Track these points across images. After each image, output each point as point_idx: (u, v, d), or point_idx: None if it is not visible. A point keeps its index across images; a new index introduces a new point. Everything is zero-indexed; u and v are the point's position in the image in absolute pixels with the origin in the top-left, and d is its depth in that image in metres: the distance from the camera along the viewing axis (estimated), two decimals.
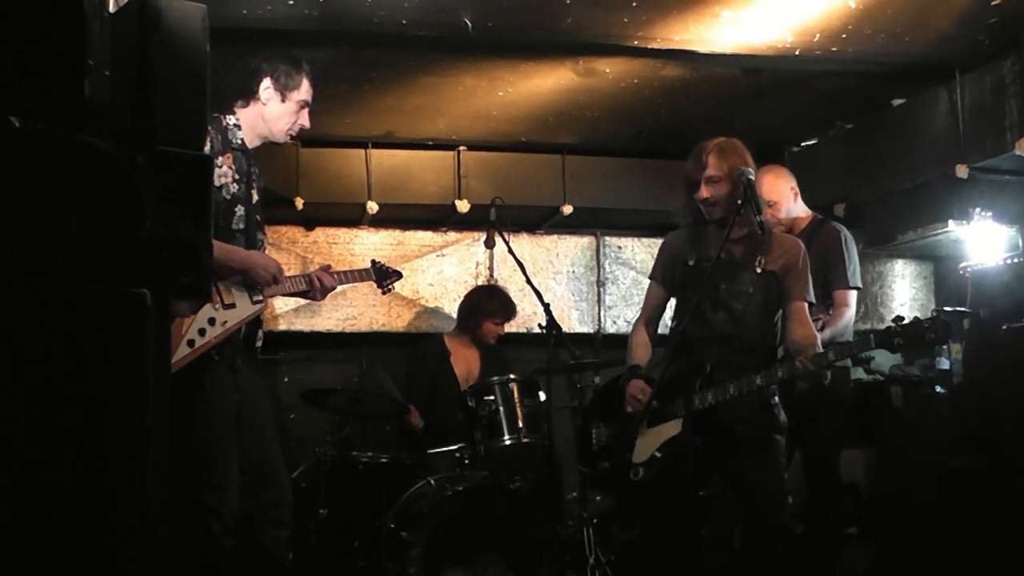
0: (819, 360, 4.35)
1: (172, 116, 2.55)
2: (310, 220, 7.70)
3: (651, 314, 5.02)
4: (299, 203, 7.21)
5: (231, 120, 4.63)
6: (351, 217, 7.73)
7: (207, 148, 4.37)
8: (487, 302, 7.15)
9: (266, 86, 4.64)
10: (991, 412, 5.68)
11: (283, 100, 4.66)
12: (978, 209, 6.36)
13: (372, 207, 7.36)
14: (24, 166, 2.19)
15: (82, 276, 2.24)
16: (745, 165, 4.58)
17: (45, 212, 2.20)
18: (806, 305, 4.67)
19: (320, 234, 7.81)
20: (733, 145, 4.71)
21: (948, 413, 6.16)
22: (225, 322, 4.41)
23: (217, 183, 4.43)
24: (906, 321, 4.18)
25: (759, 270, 4.52)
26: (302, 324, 7.70)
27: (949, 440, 5.94)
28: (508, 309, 7.15)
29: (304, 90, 4.70)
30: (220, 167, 4.47)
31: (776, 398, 4.70)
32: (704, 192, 4.66)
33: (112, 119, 2.37)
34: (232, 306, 4.45)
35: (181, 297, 2.64)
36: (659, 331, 5.06)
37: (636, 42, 5.59)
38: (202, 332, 4.32)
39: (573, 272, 8.30)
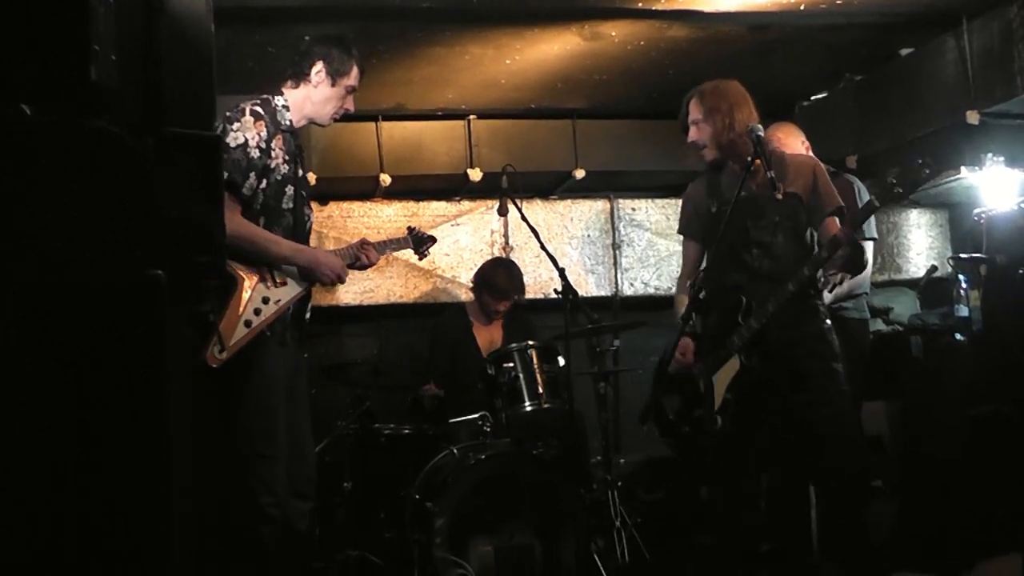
0: (834, 241, 4.40)
1: (180, 98, 2.56)
2: (324, 195, 7.70)
3: (691, 270, 4.99)
4: (312, 178, 7.21)
5: (279, 101, 4.66)
6: (364, 190, 7.74)
7: (263, 133, 4.46)
8: (489, 278, 7.05)
9: (318, 70, 4.66)
10: (1011, 358, 5.67)
11: (333, 85, 4.69)
12: (990, 155, 6.35)
13: (385, 179, 7.37)
14: (36, 154, 2.21)
15: (97, 261, 2.26)
16: (728, 105, 4.67)
17: (58, 199, 2.22)
18: (836, 219, 4.68)
19: (334, 208, 7.83)
20: (715, 87, 4.77)
21: (969, 361, 6.14)
22: (278, 300, 4.49)
23: (271, 165, 4.50)
24: (897, 170, 4.23)
25: (780, 196, 4.42)
26: (320, 299, 7.70)
27: (971, 388, 5.92)
28: (505, 289, 6.97)
29: (353, 76, 4.73)
30: (273, 149, 4.51)
31: (828, 322, 4.71)
32: (690, 135, 4.75)
33: (121, 103, 2.39)
34: (284, 284, 4.53)
35: (197, 276, 2.65)
36: None
37: (641, 4, 5.59)
38: (257, 312, 4.40)
39: (588, 236, 8.28)
